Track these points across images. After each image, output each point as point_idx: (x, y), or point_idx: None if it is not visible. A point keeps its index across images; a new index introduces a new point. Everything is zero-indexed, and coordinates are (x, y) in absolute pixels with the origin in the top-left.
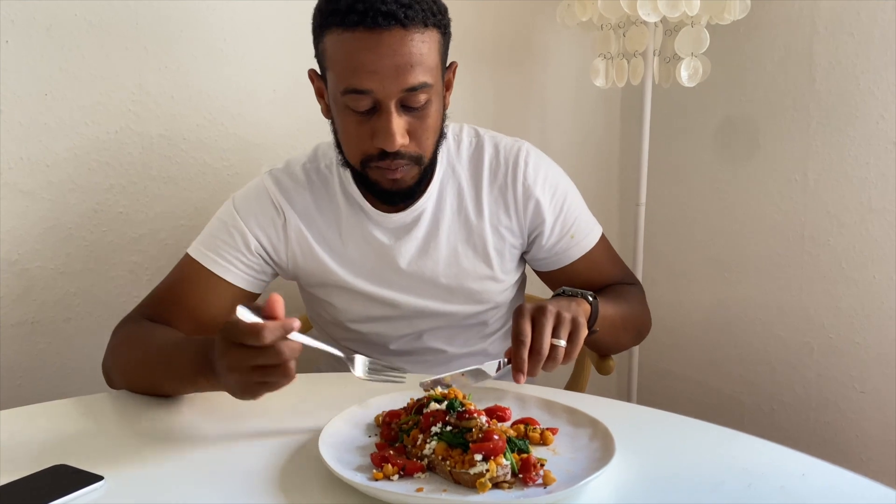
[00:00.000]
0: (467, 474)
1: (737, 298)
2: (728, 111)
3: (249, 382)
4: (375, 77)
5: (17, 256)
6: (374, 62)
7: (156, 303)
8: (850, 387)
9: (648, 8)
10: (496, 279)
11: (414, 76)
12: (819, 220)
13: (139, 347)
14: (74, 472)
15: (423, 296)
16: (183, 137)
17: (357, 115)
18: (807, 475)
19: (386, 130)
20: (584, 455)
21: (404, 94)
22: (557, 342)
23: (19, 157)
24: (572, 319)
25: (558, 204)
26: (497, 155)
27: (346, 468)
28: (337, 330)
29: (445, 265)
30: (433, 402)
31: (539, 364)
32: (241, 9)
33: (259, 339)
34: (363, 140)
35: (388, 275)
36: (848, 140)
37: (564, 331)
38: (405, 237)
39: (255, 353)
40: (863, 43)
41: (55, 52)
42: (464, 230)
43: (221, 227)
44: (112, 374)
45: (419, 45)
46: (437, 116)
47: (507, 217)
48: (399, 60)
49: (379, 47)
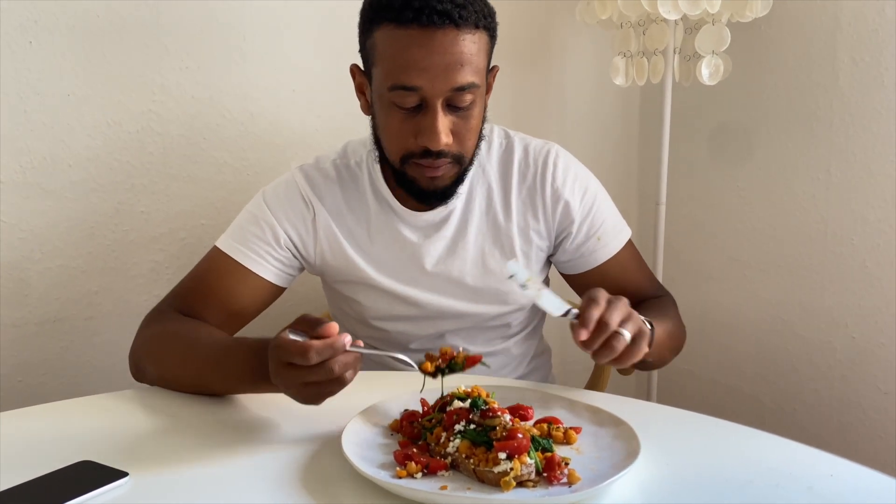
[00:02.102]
0: (491, 473)
1: (758, 298)
2: (749, 109)
3: (307, 395)
4: (425, 75)
5: (41, 255)
6: (425, 59)
7: (185, 295)
8: (874, 387)
9: (669, 6)
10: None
11: (463, 76)
12: (842, 219)
13: (180, 344)
14: (99, 468)
15: (449, 296)
16: (203, 137)
17: (402, 112)
18: (835, 476)
19: (431, 129)
20: (609, 454)
21: (452, 93)
22: (622, 332)
23: (42, 156)
24: (641, 328)
25: (587, 206)
26: (526, 157)
27: (370, 466)
28: (359, 326)
29: (472, 265)
30: (456, 400)
31: (601, 337)
32: (262, 9)
33: (306, 360)
34: (406, 137)
35: (415, 274)
36: (872, 137)
37: (631, 328)
38: (434, 236)
39: (306, 372)
40: (887, 39)
41: (78, 53)
42: (492, 231)
43: (252, 221)
44: (144, 366)
45: (470, 46)
46: (480, 118)
47: (535, 219)
48: (450, 59)
49: (431, 45)
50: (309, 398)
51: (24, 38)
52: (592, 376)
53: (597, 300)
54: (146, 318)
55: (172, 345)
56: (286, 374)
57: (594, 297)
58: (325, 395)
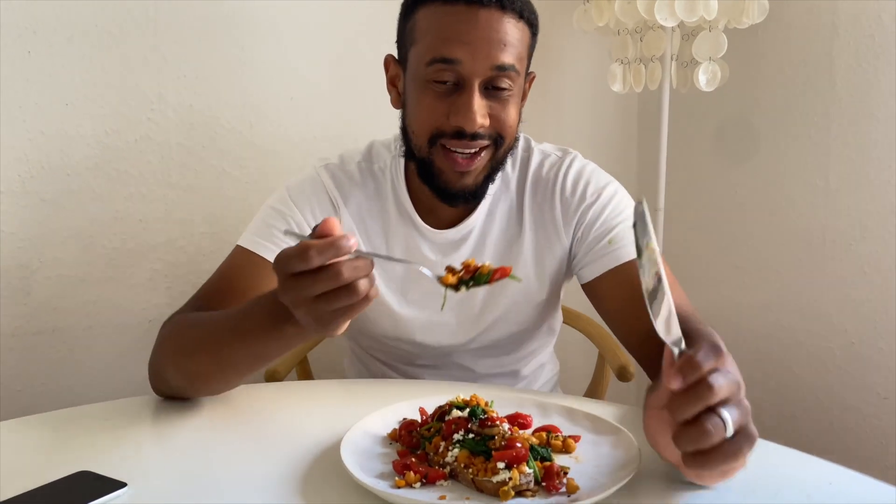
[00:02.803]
0: (490, 482)
1: (757, 303)
2: (747, 115)
3: (321, 314)
4: (467, 49)
5: (39, 264)
6: (468, 33)
7: (206, 295)
8: (874, 392)
9: (666, 12)
10: (534, 301)
11: (505, 55)
12: (841, 224)
13: (198, 327)
14: (97, 478)
15: (461, 319)
16: (201, 146)
17: (437, 91)
18: (834, 483)
19: (467, 107)
20: (608, 463)
21: (492, 72)
22: (725, 417)
23: (41, 165)
24: (749, 427)
25: (598, 207)
26: (540, 170)
27: (368, 475)
28: (363, 338)
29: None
30: (455, 410)
31: (695, 405)
32: (259, 18)
33: (307, 262)
34: (438, 116)
35: (428, 300)
36: (870, 143)
37: (737, 417)
38: (452, 255)
39: (312, 281)
40: (883, 45)
41: (76, 63)
42: (508, 249)
43: (276, 216)
44: (164, 367)
45: (513, 30)
46: (516, 113)
47: (547, 237)
48: (493, 36)
49: (476, 20)
50: (323, 318)
51: (22, 47)
52: (592, 382)
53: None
54: (162, 326)
55: (190, 331)
56: (291, 289)
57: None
58: (340, 312)
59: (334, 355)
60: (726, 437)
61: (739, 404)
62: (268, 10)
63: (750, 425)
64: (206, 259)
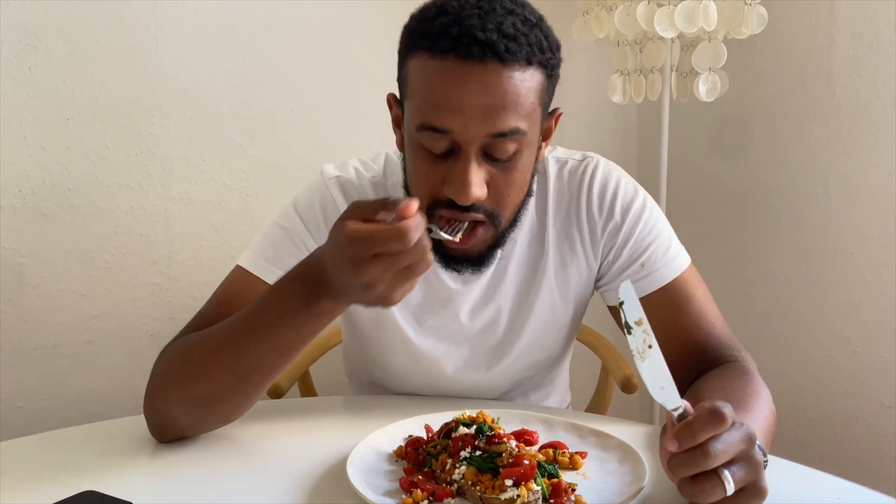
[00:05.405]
0: (498, 500)
1: (759, 313)
2: (747, 125)
3: (396, 289)
4: (458, 117)
5: (40, 279)
6: (458, 99)
7: (206, 321)
8: (877, 402)
9: (665, 23)
10: (559, 323)
11: (504, 120)
12: (842, 233)
13: (205, 342)
14: (103, 498)
15: (483, 349)
16: (202, 159)
17: (431, 156)
18: (842, 499)
19: (460, 179)
20: (615, 479)
21: (489, 140)
22: (726, 478)
23: (41, 180)
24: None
25: (628, 229)
26: (561, 180)
27: (375, 493)
28: (366, 359)
29: (508, 312)
30: (462, 426)
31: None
32: (259, 32)
33: (406, 242)
34: (433, 184)
35: (446, 323)
36: (869, 152)
37: (741, 475)
38: (472, 282)
39: (400, 257)
40: (882, 54)
41: (76, 78)
42: (531, 271)
43: (284, 237)
44: (169, 400)
45: (516, 85)
46: (526, 171)
47: (572, 254)
48: (489, 100)
49: (468, 82)
50: (401, 290)
51: (23, 63)
52: (596, 394)
53: (714, 414)
54: (157, 360)
55: (196, 349)
56: (374, 269)
57: (713, 409)
58: (412, 283)
59: (336, 369)
60: (727, 495)
61: (749, 461)
62: (269, 23)
63: (760, 481)
64: (208, 273)
